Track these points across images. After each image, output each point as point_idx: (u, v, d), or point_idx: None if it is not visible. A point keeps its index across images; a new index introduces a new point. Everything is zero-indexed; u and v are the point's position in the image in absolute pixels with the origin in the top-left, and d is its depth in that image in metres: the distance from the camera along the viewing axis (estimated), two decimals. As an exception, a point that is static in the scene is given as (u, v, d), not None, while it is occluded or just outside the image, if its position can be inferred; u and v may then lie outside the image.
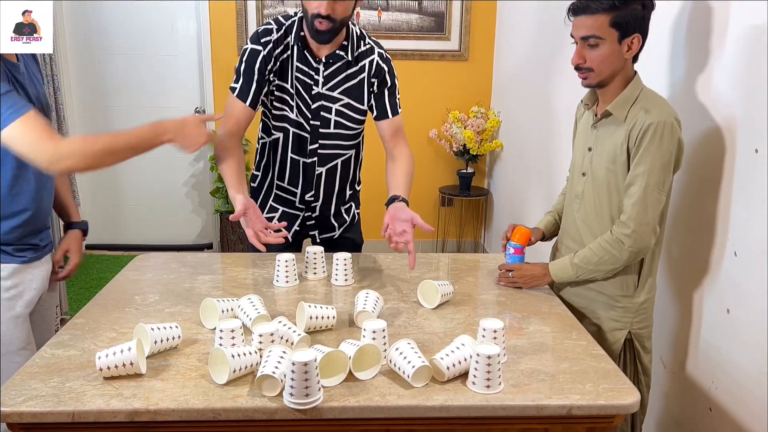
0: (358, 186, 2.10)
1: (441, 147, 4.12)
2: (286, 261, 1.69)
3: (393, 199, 1.73)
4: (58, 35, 3.90)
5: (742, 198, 1.56)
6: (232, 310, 1.45)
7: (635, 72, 1.58)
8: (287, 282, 1.69)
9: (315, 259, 1.75)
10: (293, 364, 1.09)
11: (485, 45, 4.10)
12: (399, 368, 1.21)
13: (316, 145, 1.89)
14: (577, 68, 1.56)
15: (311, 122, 1.86)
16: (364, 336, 1.28)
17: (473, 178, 4.11)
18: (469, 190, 4.10)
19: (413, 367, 1.18)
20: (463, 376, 1.23)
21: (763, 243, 1.48)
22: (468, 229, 4.40)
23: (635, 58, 1.55)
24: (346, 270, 1.71)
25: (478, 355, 1.18)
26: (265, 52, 1.76)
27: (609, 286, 1.63)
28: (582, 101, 1.72)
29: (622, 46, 1.50)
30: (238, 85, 1.78)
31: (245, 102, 1.78)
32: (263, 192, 2.03)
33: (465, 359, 1.22)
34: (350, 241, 2.08)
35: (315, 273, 1.75)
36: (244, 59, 1.78)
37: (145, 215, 4.39)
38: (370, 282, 1.74)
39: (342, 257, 1.71)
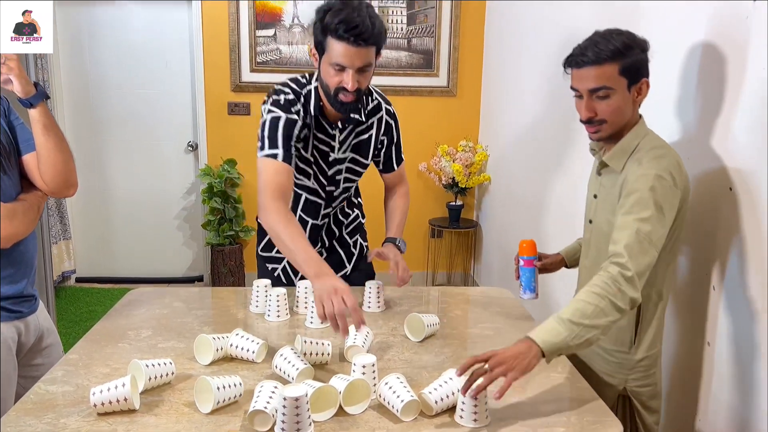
0: (363, 219, 2.14)
1: (430, 180, 4.19)
2: (278, 295, 1.72)
3: (385, 240, 1.92)
4: (52, 68, 3.97)
5: (719, 234, 1.61)
6: (223, 348, 1.47)
7: (640, 116, 1.49)
8: (278, 317, 1.72)
9: (306, 293, 1.78)
10: (284, 399, 1.12)
11: (473, 81, 4.21)
12: (388, 402, 1.24)
13: (330, 209, 1.95)
14: (588, 122, 1.45)
15: (327, 188, 1.89)
16: (354, 371, 1.31)
17: (462, 210, 4.17)
18: (459, 222, 4.16)
19: (402, 401, 1.21)
20: (452, 409, 1.26)
21: (737, 278, 1.54)
22: (458, 261, 4.44)
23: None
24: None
25: None
26: (300, 123, 1.73)
27: (605, 339, 1.49)
28: (590, 146, 1.61)
29: (631, 93, 1.41)
30: (279, 151, 1.67)
31: (291, 165, 1.69)
32: None
33: (453, 393, 1.25)
34: (363, 274, 2.04)
35: (306, 307, 1.78)
36: (280, 127, 1.69)
37: (135, 248, 4.41)
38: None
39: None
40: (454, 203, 4.12)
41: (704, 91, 1.68)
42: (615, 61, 1.37)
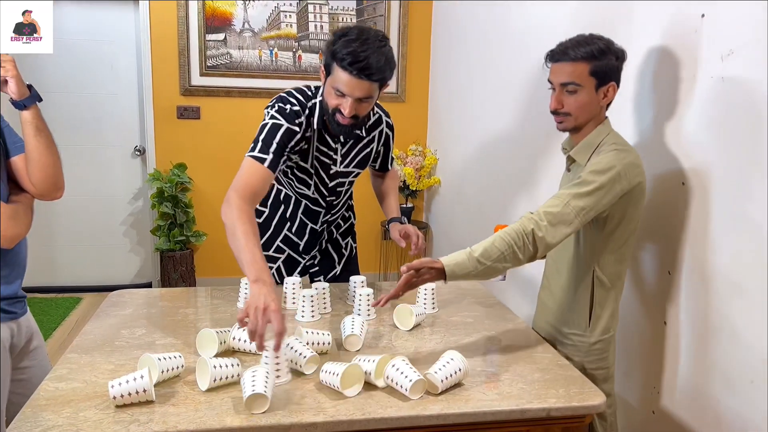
0: (354, 219, 2.23)
1: (381, 183, 4.30)
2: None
3: (393, 220, 2.10)
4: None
5: (671, 223, 1.80)
6: (225, 342, 1.51)
7: (606, 117, 1.63)
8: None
9: (294, 289, 1.84)
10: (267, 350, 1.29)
11: (420, 88, 4.36)
12: (396, 383, 1.33)
13: (329, 216, 2.05)
14: (555, 113, 1.60)
15: (327, 198, 1.98)
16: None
17: (413, 212, 4.31)
18: (409, 224, 4.29)
19: (410, 380, 1.30)
20: (453, 387, 1.36)
21: (690, 262, 1.72)
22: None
23: (608, 105, 1.61)
24: (312, 306, 1.75)
25: None
26: (299, 135, 1.77)
27: (563, 324, 1.70)
28: (562, 145, 1.74)
29: (598, 93, 1.56)
30: (268, 157, 1.70)
31: (274, 173, 1.73)
32: (271, 230, 2.07)
33: (456, 372, 1.36)
34: (350, 274, 2.06)
35: (294, 302, 1.83)
36: (279, 135, 1.72)
37: (79, 256, 4.26)
38: (348, 309, 1.84)
39: (309, 294, 1.74)
40: (405, 206, 4.24)
41: (659, 93, 1.88)
42: (588, 61, 1.52)
